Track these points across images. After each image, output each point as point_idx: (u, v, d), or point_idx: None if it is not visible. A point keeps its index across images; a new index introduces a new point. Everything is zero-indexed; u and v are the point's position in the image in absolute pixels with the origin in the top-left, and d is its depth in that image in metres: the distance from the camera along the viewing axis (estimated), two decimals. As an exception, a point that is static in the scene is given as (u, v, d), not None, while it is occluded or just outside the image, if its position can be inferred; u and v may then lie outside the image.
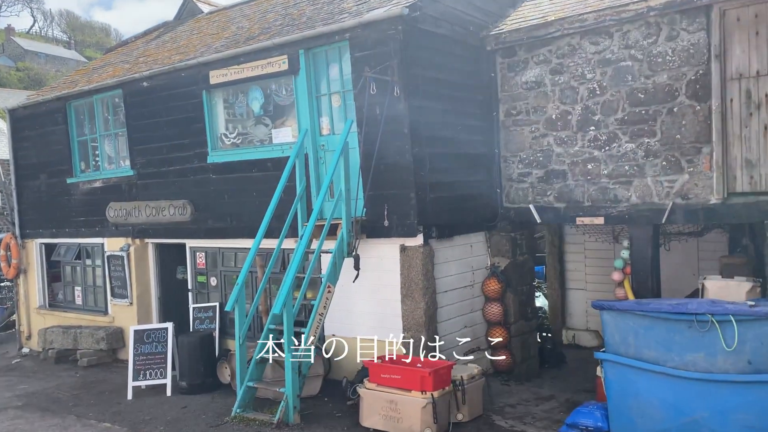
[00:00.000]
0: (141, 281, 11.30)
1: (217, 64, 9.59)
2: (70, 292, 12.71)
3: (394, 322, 8.40)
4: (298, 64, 8.74)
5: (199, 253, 10.63)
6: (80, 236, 12.16)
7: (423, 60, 8.13)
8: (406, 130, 7.85)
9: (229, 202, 9.78)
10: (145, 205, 10.80)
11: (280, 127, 9.26)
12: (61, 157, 12.25)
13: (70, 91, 11.82)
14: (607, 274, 12.02)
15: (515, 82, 9.15)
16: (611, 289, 11.95)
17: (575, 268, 12.20)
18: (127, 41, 15.53)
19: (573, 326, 12.30)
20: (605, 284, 11.89)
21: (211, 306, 10.37)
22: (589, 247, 12.09)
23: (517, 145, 9.23)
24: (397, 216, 8.09)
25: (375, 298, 8.59)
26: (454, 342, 8.72)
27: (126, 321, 11.41)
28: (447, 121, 8.54)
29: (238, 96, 9.68)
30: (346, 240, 8.00)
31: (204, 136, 9.95)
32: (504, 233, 9.48)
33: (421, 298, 8.14)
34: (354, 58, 8.17)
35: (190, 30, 13.57)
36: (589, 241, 12.00)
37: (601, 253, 11.87)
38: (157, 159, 10.63)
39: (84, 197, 11.96)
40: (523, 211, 9.26)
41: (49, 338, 12.02)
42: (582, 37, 8.46)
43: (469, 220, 9.04)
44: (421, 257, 8.11)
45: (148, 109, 10.67)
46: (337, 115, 8.69)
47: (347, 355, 8.81)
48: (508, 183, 9.38)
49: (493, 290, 9.30)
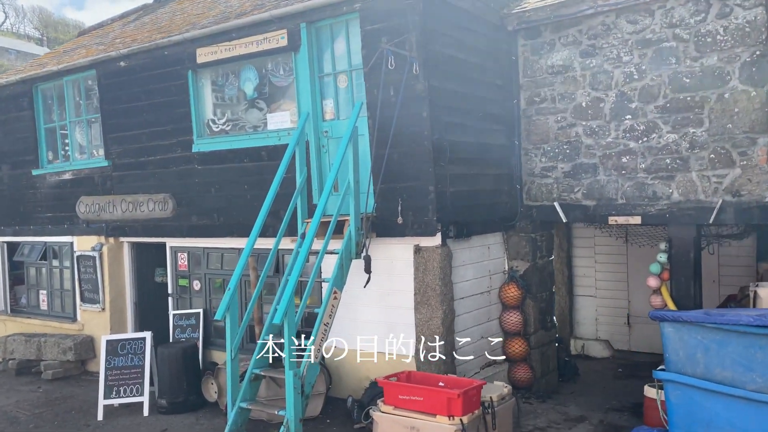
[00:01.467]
0: (115, 285, 10.14)
1: (205, 40, 8.52)
2: (34, 297, 11.47)
3: (406, 332, 7.42)
4: (298, 40, 7.72)
5: (180, 253, 9.53)
6: (46, 234, 10.95)
7: (442, 36, 7.18)
8: (425, 114, 6.89)
9: (217, 196, 8.70)
10: (120, 200, 9.66)
11: (276, 111, 8.23)
12: (26, 146, 11.04)
13: (37, 72, 10.62)
14: (619, 279, 11.26)
15: (539, 66, 8.24)
16: (624, 296, 11.22)
17: (584, 273, 11.33)
18: (103, 24, 14.33)
19: (582, 335, 11.44)
20: (617, 290, 11.10)
21: (194, 313, 9.27)
22: (600, 251, 11.24)
23: (540, 136, 8.32)
24: (412, 212, 7.11)
25: (383, 305, 7.60)
26: (469, 354, 7.77)
27: (97, 329, 10.24)
28: (467, 106, 7.60)
29: (229, 77, 8.62)
30: (355, 239, 7.00)
31: (189, 122, 8.86)
32: (524, 234, 8.56)
33: (439, 305, 7.17)
34: (365, 32, 7.19)
35: (172, 11, 12.45)
36: (600, 244, 11.18)
37: (612, 257, 11.06)
38: (135, 148, 9.50)
39: (51, 191, 10.76)
40: (546, 210, 8.35)
41: (9, 347, 10.77)
42: (618, 16, 7.58)
43: (487, 218, 8.09)
44: (438, 259, 7.15)
45: (125, 92, 9.54)
46: (343, 98, 7.69)
47: (351, 369, 7.82)
48: (529, 178, 8.46)
49: (511, 297, 8.37)
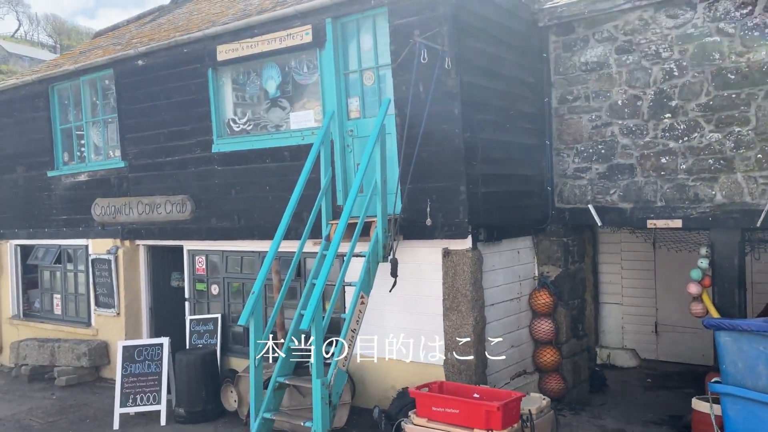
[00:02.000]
0: (130, 289, 9.88)
1: (226, 37, 8.27)
2: (47, 301, 11.24)
3: (434, 339, 7.10)
4: (324, 36, 7.45)
5: (198, 256, 9.25)
6: (61, 237, 10.72)
7: (475, 29, 6.88)
8: (456, 111, 6.58)
9: (237, 197, 8.43)
10: (137, 202, 9.41)
11: (299, 110, 7.95)
12: (42, 147, 10.84)
13: (54, 72, 10.43)
14: (647, 286, 10.87)
15: (572, 64, 7.93)
16: (651, 303, 10.83)
17: (610, 280, 10.95)
18: (118, 25, 14.16)
19: (607, 344, 11.05)
20: (645, 298, 10.71)
21: (212, 318, 8.99)
22: (627, 257, 10.87)
23: (573, 135, 7.99)
24: (442, 214, 6.79)
25: (411, 311, 7.28)
26: (500, 364, 7.44)
27: (112, 334, 9.98)
28: (498, 104, 7.29)
29: (250, 75, 8.36)
30: (382, 242, 6.69)
31: (208, 121, 8.60)
32: (555, 238, 8.22)
33: (470, 312, 6.84)
34: (393, 26, 6.91)
35: (189, 11, 12.27)
36: (627, 250, 10.81)
37: (639, 263, 10.68)
38: (153, 149, 9.26)
39: (66, 192, 10.54)
40: (579, 213, 8.01)
41: (22, 352, 10.54)
42: (657, 10, 7.26)
43: (517, 221, 7.77)
44: (469, 263, 6.82)
45: (143, 91, 9.31)
46: (369, 96, 7.41)
47: (376, 378, 7.50)
48: (561, 179, 8.13)
49: (543, 304, 8.03)
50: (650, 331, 10.61)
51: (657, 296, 10.57)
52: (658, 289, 10.53)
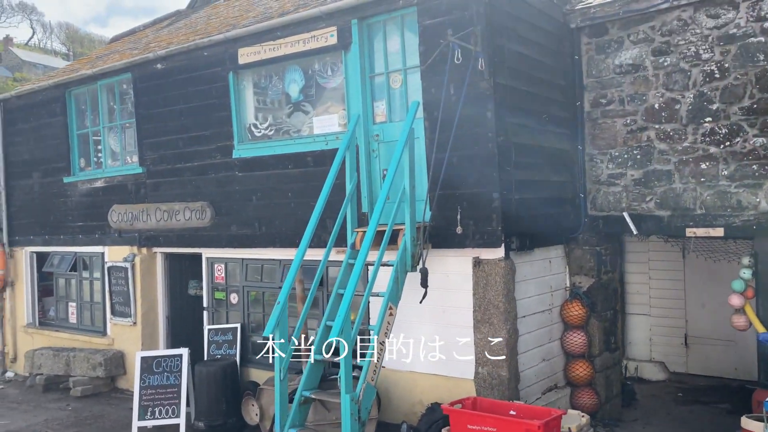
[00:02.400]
0: (147, 297, 9.66)
1: (247, 40, 8.06)
2: (63, 309, 11.06)
3: (464, 353, 6.80)
4: (349, 37, 7.22)
5: (217, 264, 9.02)
6: (77, 244, 10.54)
7: (507, 30, 6.62)
8: (489, 114, 6.32)
9: (258, 204, 8.19)
10: (155, 208, 9.21)
11: (323, 115, 7.72)
12: (58, 152, 10.69)
13: (71, 76, 10.28)
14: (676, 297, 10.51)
15: (605, 66, 7.64)
16: (680, 314, 10.46)
17: (637, 290, 10.60)
18: (135, 30, 14.05)
19: (634, 357, 10.69)
20: (673, 308, 10.35)
21: (231, 328, 8.74)
22: (655, 266, 10.53)
23: (606, 140, 7.70)
24: (473, 221, 6.52)
25: (439, 322, 6.99)
26: (531, 379, 7.13)
27: (128, 344, 9.77)
28: (531, 107, 7.02)
29: (272, 78, 8.14)
30: (410, 250, 6.42)
31: (229, 126, 8.39)
32: (588, 247, 7.91)
33: (502, 324, 6.55)
34: (423, 26, 6.66)
35: (207, 15, 12.11)
36: (655, 259, 10.47)
37: (668, 273, 10.35)
38: (171, 154, 9.06)
39: (83, 199, 10.36)
40: (613, 221, 7.70)
41: (37, 362, 10.35)
42: (696, 10, 6.97)
43: (549, 229, 7.47)
44: (502, 274, 6.53)
45: (162, 95, 9.13)
46: (395, 99, 7.16)
47: (402, 391, 7.21)
48: (594, 186, 7.83)
49: (575, 316, 7.71)
50: (680, 344, 10.26)
51: (687, 307, 10.23)
52: (688, 300, 10.19)
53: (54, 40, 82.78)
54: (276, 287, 8.35)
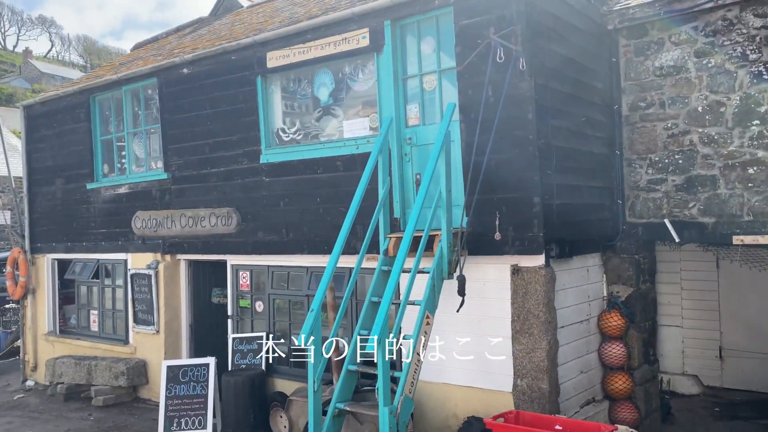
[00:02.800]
0: (170, 305, 9.50)
1: (276, 43, 7.92)
2: (84, 317, 10.92)
3: (501, 364, 6.54)
4: (382, 39, 7.05)
5: (243, 272, 8.84)
6: (99, 251, 10.42)
7: (547, 29, 6.42)
8: (530, 116, 6.10)
9: (286, 210, 8.01)
10: (180, 214, 9.06)
11: (353, 118, 7.54)
12: (81, 159, 10.60)
13: (96, 82, 10.21)
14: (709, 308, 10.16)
15: (645, 68, 7.41)
16: (714, 326, 10.08)
17: (669, 301, 10.25)
18: (157, 37, 14.01)
19: (666, 369, 10.32)
20: (707, 320, 9.99)
21: (256, 336, 8.54)
22: (687, 276, 10.20)
23: (645, 144, 7.45)
24: (512, 227, 6.28)
25: (474, 332, 6.74)
26: (570, 392, 6.85)
27: (150, 352, 9.59)
28: (569, 109, 6.79)
29: (301, 82, 7.98)
30: (447, 257, 6.19)
31: (256, 131, 8.24)
32: (626, 255, 7.64)
33: (543, 335, 6.29)
34: (460, 27, 6.47)
35: (230, 22, 12.02)
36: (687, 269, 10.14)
37: (701, 283, 10.01)
38: (197, 159, 8.92)
39: (106, 205, 10.25)
40: (653, 228, 7.43)
41: (58, 370, 10.21)
42: (743, 9, 6.73)
43: (587, 236, 7.21)
44: (542, 282, 6.28)
45: (187, 100, 9.00)
46: (429, 102, 6.96)
47: (435, 404, 6.96)
48: (633, 192, 7.57)
49: (614, 327, 7.43)
50: (714, 356, 9.90)
51: (721, 319, 9.88)
52: (723, 311, 9.84)
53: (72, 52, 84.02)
54: (303, 295, 8.16)
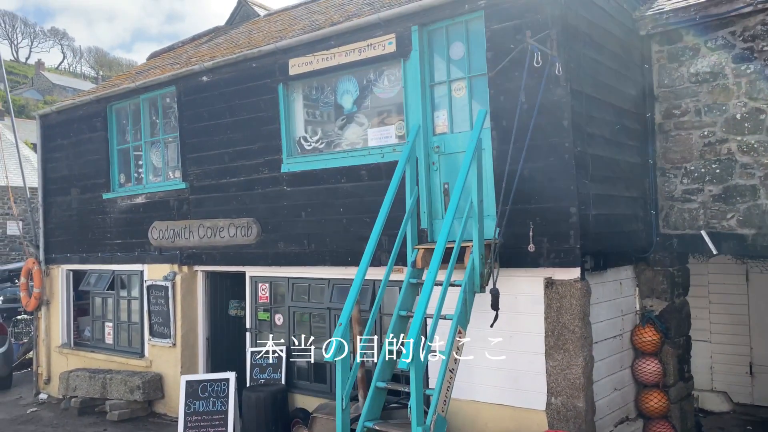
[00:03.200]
0: (187, 317, 9.29)
1: (299, 50, 7.76)
2: (99, 329, 10.73)
3: (534, 381, 6.28)
4: (409, 45, 6.87)
5: (262, 284, 8.63)
6: (115, 262, 10.24)
7: (581, 34, 6.21)
8: (566, 123, 5.88)
9: (308, 220, 7.81)
10: (198, 225, 8.87)
11: (378, 126, 7.35)
12: (98, 168, 10.46)
13: (114, 90, 10.08)
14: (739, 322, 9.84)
15: (679, 75, 7.18)
16: (744, 341, 9.76)
17: (696, 315, 9.90)
18: (174, 46, 13.93)
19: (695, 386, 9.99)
20: (737, 335, 9.67)
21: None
22: (715, 290, 9.89)
23: (680, 153, 7.20)
24: (547, 239, 6.04)
25: (505, 348, 6.48)
26: (604, 410, 6.57)
27: (167, 366, 9.38)
28: (604, 116, 6.57)
29: (324, 90, 7.80)
30: (479, 270, 5.96)
31: (278, 140, 8.06)
32: (660, 267, 7.37)
33: (579, 351, 6.02)
34: (491, 31, 6.28)
35: (247, 31, 11.91)
36: (715, 282, 9.83)
37: (730, 297, 9.70)
38: (216, 169, 8.74)
39: (122, 215, 10.09)
40: (689, 240, 7.17)
41: (72, 384, 10.01)
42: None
43: (621, 248, 6.96)
44: (578, 296, 6.03)
45: (207, 109, 8.85)
46: (457, 109, 6.76)
47: (463, 422, 6.69)
48: (667, 202, 7.32)
49: (648, 342, 7.15)
50: (744, 372, 9.57)
51: (751, 334, 9.55)
52: (753, 326, 9.52)
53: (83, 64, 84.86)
54: (324, 308, 7.93)
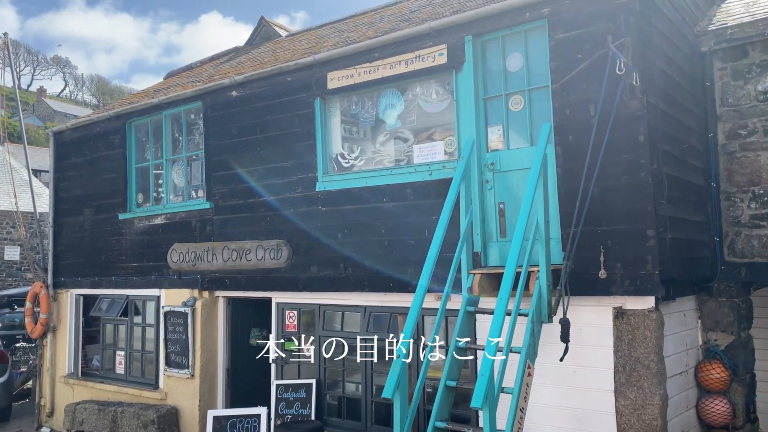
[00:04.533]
0: (207, 347, 8.68)
1: (339, 62, 7.33)
2: (109, 358, 10.08)
3: (602, 422, 5.69)
4: (462, 56, 6.44)
5: (289, 311, 8.07)
6: (130, 286, 9.65)
7: (654, 44, 5.79)
8: (642, 138, 5.41)
9: (345, 242, 7.28)
10: (222, 247, 8.33)
11: (425, 142, 6.88)
12: (114, 187, 9.94)
13: (134, 106, 9.63)
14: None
15: (745, 93, 6.76)
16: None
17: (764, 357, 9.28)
18: (192, 66, 13.56)
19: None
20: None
21: (305, 384, 7.71)
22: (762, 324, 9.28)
23: (747, 176, 6.73)
24: (620, 264, 5.52)
25: (568, 384, 5.91)
26: (671, 455, 5.96)
27: (183, 399, 8.73)
28: (676, 134, 6.12)
29: (365, 104, 7.36)
30: (546, 297, 5.42)
31: (313, 156, 7.58)
32: (725, 299, 6.85)
33: (655, 388, 5.46)
34: (555, 41, 5.86)
35: (271, 50, 11.52)
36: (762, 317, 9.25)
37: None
38: (243, 188, 8.24)
39: (139, 237, 9.54)
40: (759, 268, 6.66)
41: (79, 417, 9.34)
42: None
43: (687, 277, 6.44)
44: (653, 327, 5.50)
45: (235, 125, 8.39)
46: (515, 123, 6.30)
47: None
48: (732, 228, 6.83)
49: (716, 380, 6.58)
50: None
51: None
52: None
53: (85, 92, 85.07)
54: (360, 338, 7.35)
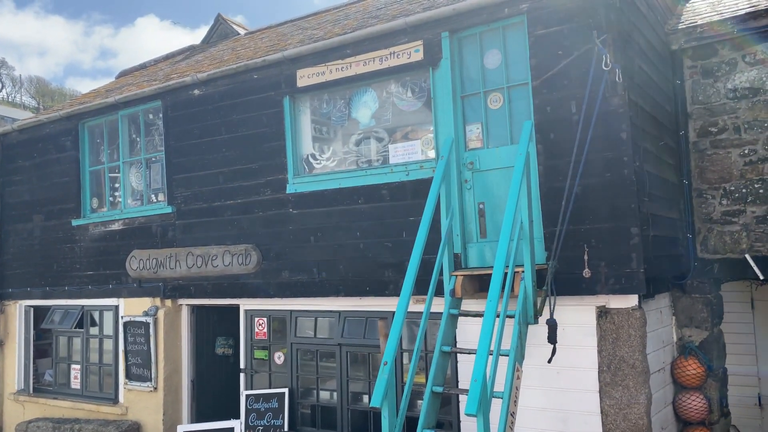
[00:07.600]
0: (170, 358, 8.27)
1: (309, 59, 7.08)
2: (63, 373, 9.51)
3: (586, 423, 5.63)
4: (439, 53, 6.29)
5: (259, 318, 7.75)
6: (85, 296, 9.13)
7: (633, 41, 5.77)
8: (625, 135, 5.37)
9: (318, 246, 7.03)
10: (186, 253, 7.95)
11: (401, 141, 6.70)
12: (66, 192, 9.40)
13: (87, 106, 9.12)
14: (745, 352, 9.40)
15: (715, 91, 6.84)
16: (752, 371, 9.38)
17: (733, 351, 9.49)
18: (145, 65, 13.02)
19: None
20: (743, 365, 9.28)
21: (276, 393, 7.42)
22: (724, 318, 9.52)
23: (718, 173, 6.82)
24: (604, 262, 5.46)
25: (551, 385, 5.83)
26: (653, 452, 5.94)
27: (145, 413, 8.30)
28: (653, 132, 6.12)
29: (337, 103, 7.12)
30: (532, 298, 5.32)
31: (282, 157, 7.30)
32: (698, 295, 6.90)
33: (641, 387, 5.43)
34: (534, 37, 5.76)
35: (230, 48, 11.14)
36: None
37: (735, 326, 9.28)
38: (209, 191, 7.88)
39: (95, 244, 9.03)
40: (731, 264, 6.75)
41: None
42: (828, 25, 6.26)
43: (663, 274, 6.46)
44: (637, 326, 5.47)
45: (199, 125, 8.02)
46: (494, 121, 6.18)
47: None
48: (705, 225, 6.90)
49: (691, 375, 6.62)
50: (753, 404, 9.17)
51: (758, 364, 9.19)
52: (760, 355, 9.16)
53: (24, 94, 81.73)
54: (334, 344, 7.12)
